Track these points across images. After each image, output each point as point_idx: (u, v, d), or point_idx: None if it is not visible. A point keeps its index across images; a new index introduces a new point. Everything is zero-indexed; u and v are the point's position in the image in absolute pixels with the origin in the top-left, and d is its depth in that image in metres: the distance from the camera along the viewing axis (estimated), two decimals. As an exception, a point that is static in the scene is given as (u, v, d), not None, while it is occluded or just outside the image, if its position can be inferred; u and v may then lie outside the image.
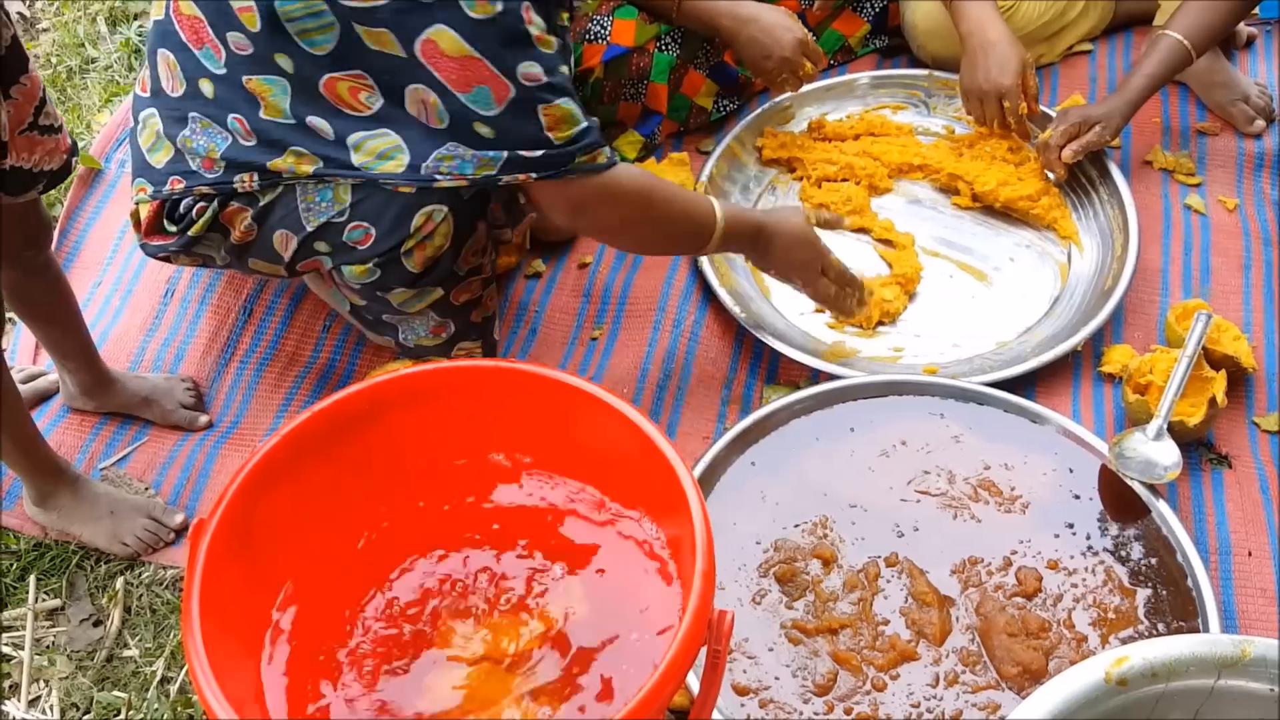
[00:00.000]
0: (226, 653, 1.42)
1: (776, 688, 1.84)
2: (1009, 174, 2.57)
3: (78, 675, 1.99)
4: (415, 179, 1.86)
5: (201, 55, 1.88)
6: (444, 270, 2.01)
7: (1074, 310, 2.39)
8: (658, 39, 2.59)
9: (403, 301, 2.05)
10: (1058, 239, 2.54)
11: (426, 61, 1.76)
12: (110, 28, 3.17)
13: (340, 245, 1.96)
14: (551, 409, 1.61)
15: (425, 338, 2.14)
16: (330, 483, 1.59)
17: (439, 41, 1.74)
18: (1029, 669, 1.82)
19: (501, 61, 1.77)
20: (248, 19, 1.80)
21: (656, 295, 2.45)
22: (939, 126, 2.75)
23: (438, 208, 1.92)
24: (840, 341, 2.36)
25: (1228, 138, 2.73)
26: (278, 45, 1.80)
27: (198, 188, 1.94)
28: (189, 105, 1.92)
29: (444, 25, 1.73)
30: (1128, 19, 2.98)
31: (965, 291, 2.46)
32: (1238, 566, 2.03)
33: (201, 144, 1.93)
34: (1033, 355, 2.27)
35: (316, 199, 1.92)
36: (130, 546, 2.11)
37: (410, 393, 1.61)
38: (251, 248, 2.02)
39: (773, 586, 1.96)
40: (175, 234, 2.00)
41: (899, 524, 2.02)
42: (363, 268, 1.97)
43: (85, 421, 2.31)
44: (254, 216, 1.96)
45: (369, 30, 1.75)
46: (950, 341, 2.37)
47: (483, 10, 1.74)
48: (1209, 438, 2.20)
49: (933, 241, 2.55)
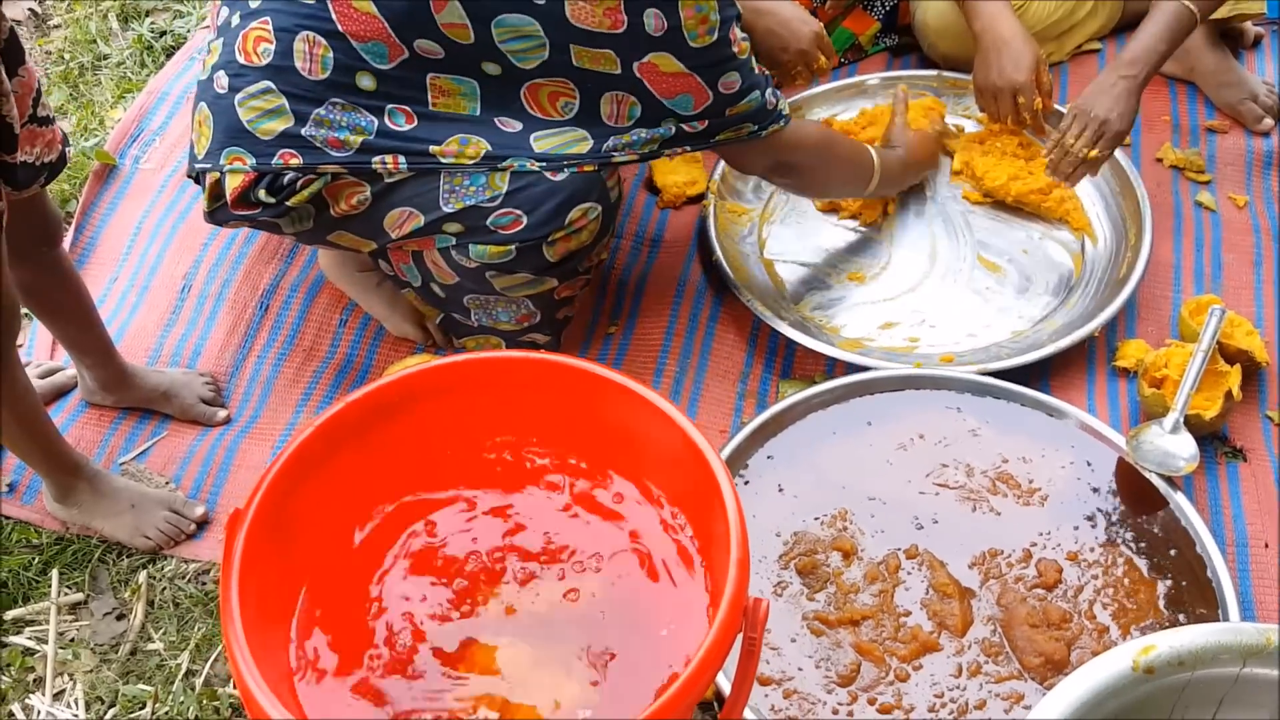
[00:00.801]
0: (263, 642, 1.43)
1: (800, 679, 1.85)
2: (1019, 169, 2.59)
3: (102, 669, 2.00)
4: (598, 158, 1.97)
5: (365, 49, 1.88)
6: (573, 264, 2.08)
7: (1089, 299, 2.41)
8: None
9: (511, 286, 2.08)
10: (1071, 231, 2.55)
11: (642, 77, 1.91)
12: (122, 24, 3.17)
13: (479, 228, 1.98)
14: (582, 400, 1.62)
15: (506, 323, 2.18)
16: (363, 473, 1.59)
17: (659, 64, 1.89)
18: (1051, 659, 1.84)
19: (709, 76, 1.95)
20: (458, 34, 1.85)
21: (671, 291, 2.46)
22: (949, 126, 2.76)
23: (594, 205, 2.00)
24: (858, 338, 2.37)
25: (1237, 136, 2.75)
26: (487, 55, 1.88)
27: (321, 165, 1.92)
28: (332, 92, 1.91)
29: (666, 53, 1.88)
30: (1136, 18, 2.96)
31: (980, 284, 2.48)
32: (1255, 558, 2.04)
33: (343, 124, 1.91)
34: (1049, 343, 2.29)
35: (466, 182, 1.95)
36: (152, 540, 2.11)
37: (442, 384, 1.61)
38: (350, 221, 2.01)
39: (794, 578, 1.97)
40: (269, 205, 1.97)
41: (918, 516, 2.04)
42: (501, 249, 1.99)
43: (104, 416, 2.31)
44: (373, 192, 1.96)
45: (586, 50, 1.86)
46: (965, 331, 2.39)
47: (703, 41, 1.89)
48: (1223, 431, 2.22)
49: (943, 233, 2.57)
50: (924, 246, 2.55)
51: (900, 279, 2.48)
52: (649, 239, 2.57)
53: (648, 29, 1.85)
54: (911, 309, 2.43)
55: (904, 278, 2.48)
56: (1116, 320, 2.39)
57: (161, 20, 3.17)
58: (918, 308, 2.43)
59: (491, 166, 1.94)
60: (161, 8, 3.21)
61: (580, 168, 1.97)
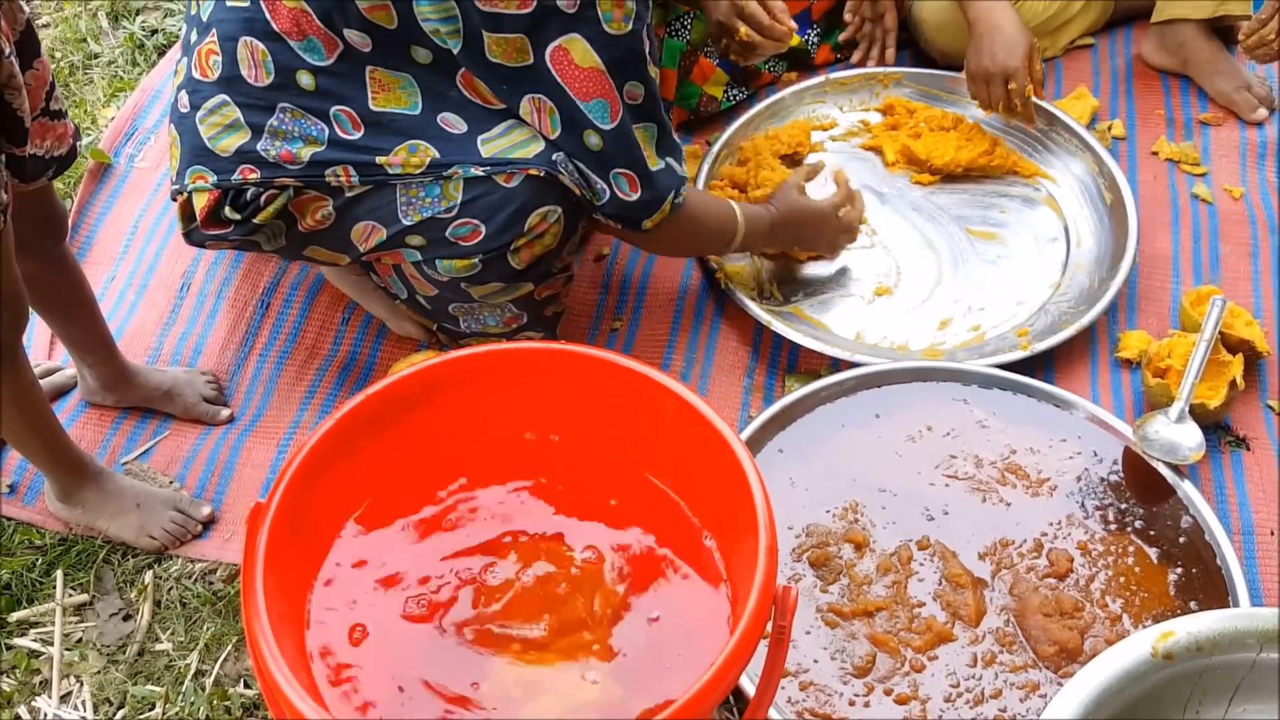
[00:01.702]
0: (288, 636, 1.43)
1: (816, 670, 1.85)
2: (958, 138, 2.66)
3: (109, 670, 1.98)
4: (547, 165, 1.91)
5: (301, 47, 1.86)
6: (544, 267, 2.04)
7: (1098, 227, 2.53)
8: (668, 25, 2.60)
9: (488, 294, 2.06)
10: (1024, 179, 2.64)
11: (554, 67, 1.84)
12: (112, 23, 3.15)
13: (440, 240, 1.95)
14: (601, 390, 1.62)
15: (495, 327, 2.16)
16: (384, 465, 1.59)
17: (571, 51, 1.83)
18: (1066, 648, 1.84)
19: (619, 77, 1.88)
20: (381, 17, 1.82)
21: (676, 286, 2.46)
22: (854, 122, 2.79)
23: (553, 209, 1.96)
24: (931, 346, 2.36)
25: (1231, 128, 2.77)
26: (415, 39, 1.85)
27: (277, 180, 1.91)
28: (279, 96, 1.89)
29: (578, 35, 1.81)
30: (1127, 14, 3.02)
31: (989, 254, 2.53)
32: (1261, 545, 2.06)
33: (295, 134, 1.90)
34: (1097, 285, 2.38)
35: (421, 194, 1.92)
36: (158, 540, 2.10)
37: (462, 376, 1.61)
38: (319, 236, 2.00)
39: (807, 571, 1.97)
40: (236, 223, 1.97)
41: (928, 508, 2.04)
42: (466, 262, 1.97)
43: (105, 416, 2.30)
44: (335, 207, 1.95)
45: (496, 37, 1.81)
46: (1014, 301, 2.44)
47: (618, 28, 1.83)
48: (1226, 421, 2.23)
49: (924, 221, 2.59)
50: (917, 241, 2.56)
51: (921, 278, 2.48)
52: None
53: (560, 5, 1.79)
54: (953, 300, 2.44)
55: (924, 276, 2.49)
56: (1117, 310, 2.41)
57: (152, 19, 3.15)
58: (957, 297, 2.44)
59: (438, 175, 1.90)
60: (152, 6, 3.19)
61: (527, 171, 1.91)
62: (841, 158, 2.72)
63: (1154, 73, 2.90)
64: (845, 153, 2.74)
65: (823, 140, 2.75)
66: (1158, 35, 2.87)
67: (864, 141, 2.75)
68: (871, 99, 2.81)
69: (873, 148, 2.74)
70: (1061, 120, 2.65)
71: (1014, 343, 2.29)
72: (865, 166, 2.71)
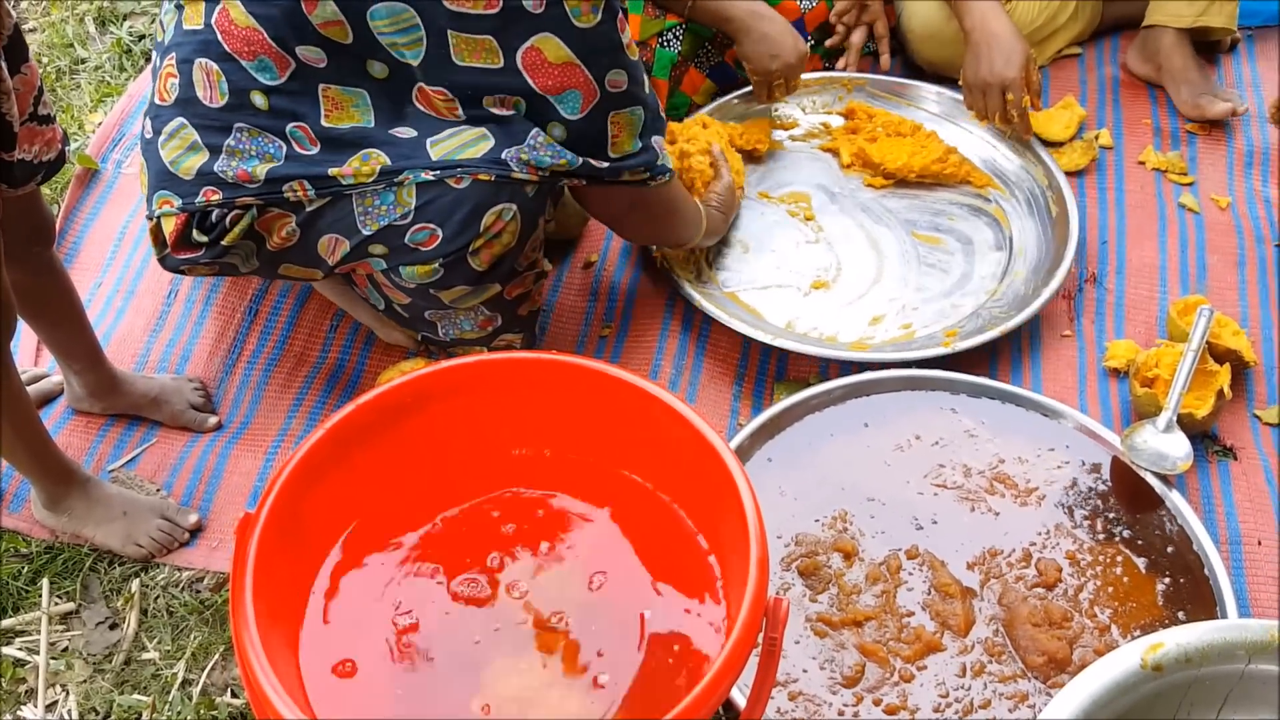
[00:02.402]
0: (276, 647, 1.42)
1: (805, 680, 1.85)
2: (913, 144, 2.68)
3: (96, 679, 1.97)
4: (494, 167, 1.89)
5: (253, 67, 1.86)
6: (507, 267, 2.02)
7: (1040, 238, 2.54)
8: (661, 35, 2.60)
9: (457, 298, 2.04)
10: (975, 189, 2.66)
11: (526, 69, 1.83)
12: (100, 28, 3.14)
13: (400, 247, 1.94)
14: (593, 400, 1.62)
15: (470, 331, 2.14)
16: (375, 475, 1.58)
17: (544, 50, 1.82)
18: (1055, 658, 1.84)
19: (596, 67, 1.86)
20: (336, 33, 1.81)
21: (664, 293, 2.46)
22: (816, 124, 2.81)
23: (507, 206, 1.93)
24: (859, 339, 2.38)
25: (1217, 137, 2.78)
26: (371, 53, 1.83)
27: (238, 199, 1.91)
28: (234, 116, 1.89)
29: (549, 34, 1.80)
30: (1115, 22, 3.03)
31: (930, 258, 2.54)
32: (1248, 555, 2.06)
33: (252, 152, 1.89)
34: (1031, 292, 2.39)
35: (376, 202, 1.91)
36: (144, 548, 2.09)
37: (454, 385, 1.61)
38: (289, 253, 2.00)
39: (795, 580, 1.97)
40: (205, 245, 1.97)
41: (917, 517, 2.04)
42: (427, 268, 1.96)
43: (91, 423, 2.29)
44: (299, 223, 1.94)
45: (464, 39, 1.79)
46: (949, 304, 2.45)
47: (587, 20, 1.82)
48: (1213, 431, 2.24)
49: (872, 223, 2.61)
50: (861, 239, 2.58)
51: (860, 275, 2.50)
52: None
53: (526, 6, 1.78)
54: (888, 299, 2.45)
55: (862, 273, 2.51)
56: (1105, 320, 2.42)
57: (140, 24, 3.14)
58: (893, 295, 2.46)
59: (389, 182, 1.89)
60: (139, 11, 3.18)
61: (475, 175, 1.89)
62: (800, 157, 2.75)
63: (1141, 82, 2.92)
64: (804, 153, 2.77)
65: (783, 139, 2.78)
66: (1139, 43, 2.89)
67: (823, 143, 2.77)
68: (835, 102, 2.83)
69: (831, 149, 2.76)
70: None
71: (939, 342, 2.31)
72: (821, 167, 2.73)
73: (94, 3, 3.19)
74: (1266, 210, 2.64)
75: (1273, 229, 2.60)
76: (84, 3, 3.19)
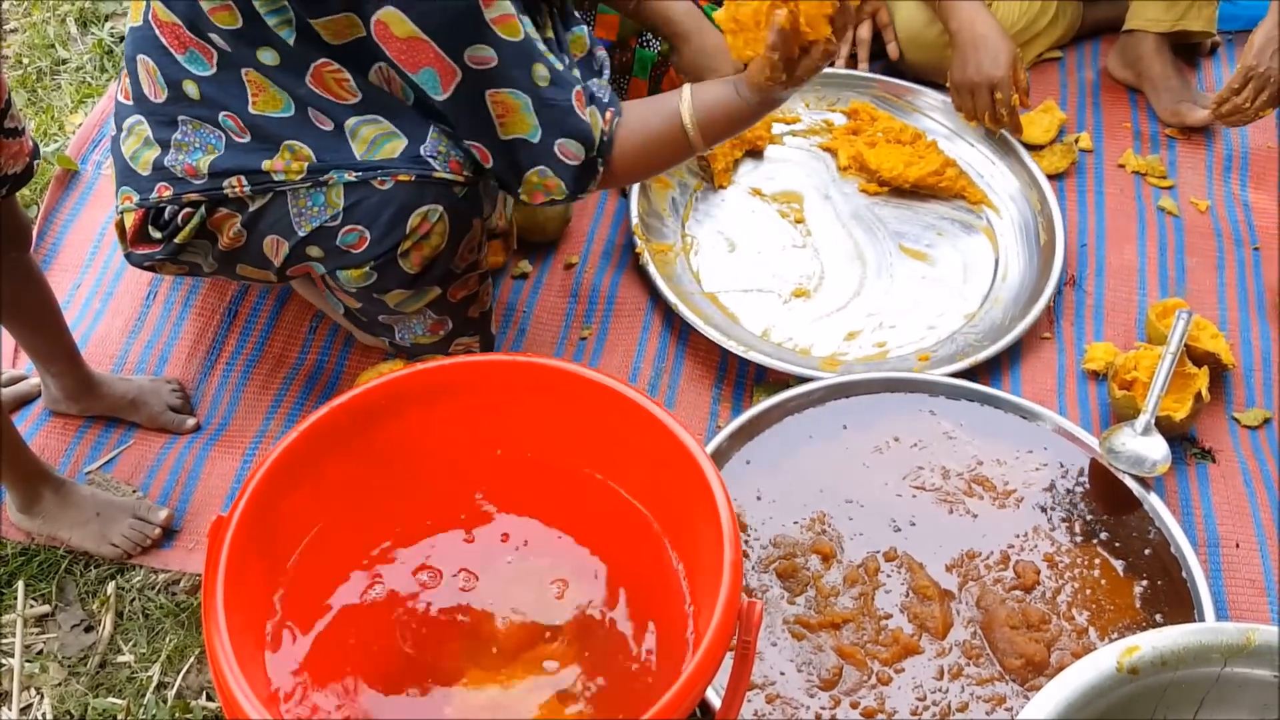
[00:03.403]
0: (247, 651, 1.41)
1: (782, 683, 1.85)
2: (910, 154, 2.66)
3: (71, 682, 1.96)
4: (414, 166, 1.87)
5: (185, 59, 1.86)
6: (441, 269, 2.00)
7: (1025, 266, 2.51)
8: (640, 35, 2.60)
9: (400, 302, 2.03)
10: (969, 205, 2.64)
11: (380, 42, 1.77)
12: (81, 29, 3.13)
13: (334, 250, 1.94)
14: (569, 403, 1.62)
15: (423, 336, 2.13)
16: (349, 479, 1.58)
17: (389, 24, 1.74)
18: (1032, 661, 1.85)
19: (449, 43, 1.76)
20: (225, 19, 1.80)
21: (645, 295, 2.46)
22: (818, 120, 2.81)
23: (433, 208, 1.91)
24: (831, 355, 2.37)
25: (1197, 141, 2.78)
26: (263, 39, 1.81)
27: (186, 195, 1.92)
28: (175, 109, 1.90)
29: (393, 7, 1.73)
30: (1095, 26, 3.04)
31: (916, 273, 2.53)
32: (1226, 558, 2.07)
33: (196, 144, 1.91)
34: (1008, 323, 2.37)
35: (309, 203, 1.90)
36: (119, 547, 2.08)
37: (431, 388, 1.61)
38: (240, 254, 2.00)
39: (774, 582, 1.97)
40: (161, 242, 1.98)
41: (895, 519, 2.04)
42: (359, 271, 1.96)
43: (69, 425, 2.27)
44: (243, 223, 1.95)
45: (322, 22, 1.77)
46: (925, 325, 2.43)
47: None
48: (1191, 433, 2.24)
49: (861, 232, 2.60)
50: (849, 249, 2.58)
51: (842, 286, 2.50)
52: (620, 244, 2.56)
53: None
54: (866, 314, 2.45)
55: (844, 284, 2.50)
56: (1085, 322, 2.42)
57: (121, 25, 3.12)
58: (871, 311, 2.45)
59: (315, 180, 1.88)
60: (121, 12, 3.16)
61: (395, 177, 1.87)
62: (799, 154, 2.75)
63: (1120, 87, 2.92)
64: (803, 149, 2.77)
65: (783, 134, 2.77)
66: (1120, 48, 2.90)
67: (823, 141, 2.77)
68: (839, 100, 2.82)
69: (830, 149, 2.75)
70: (1018, 152, 2.67)
71: (911, 365, 2.31)
72: (819, 165, 2.73)
73: (75, 3, 3.17)
74: (1245, 214, 2.65)
75: (1251, 232, 2.61)
76: (65, 4, 3.17)
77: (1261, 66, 2.46)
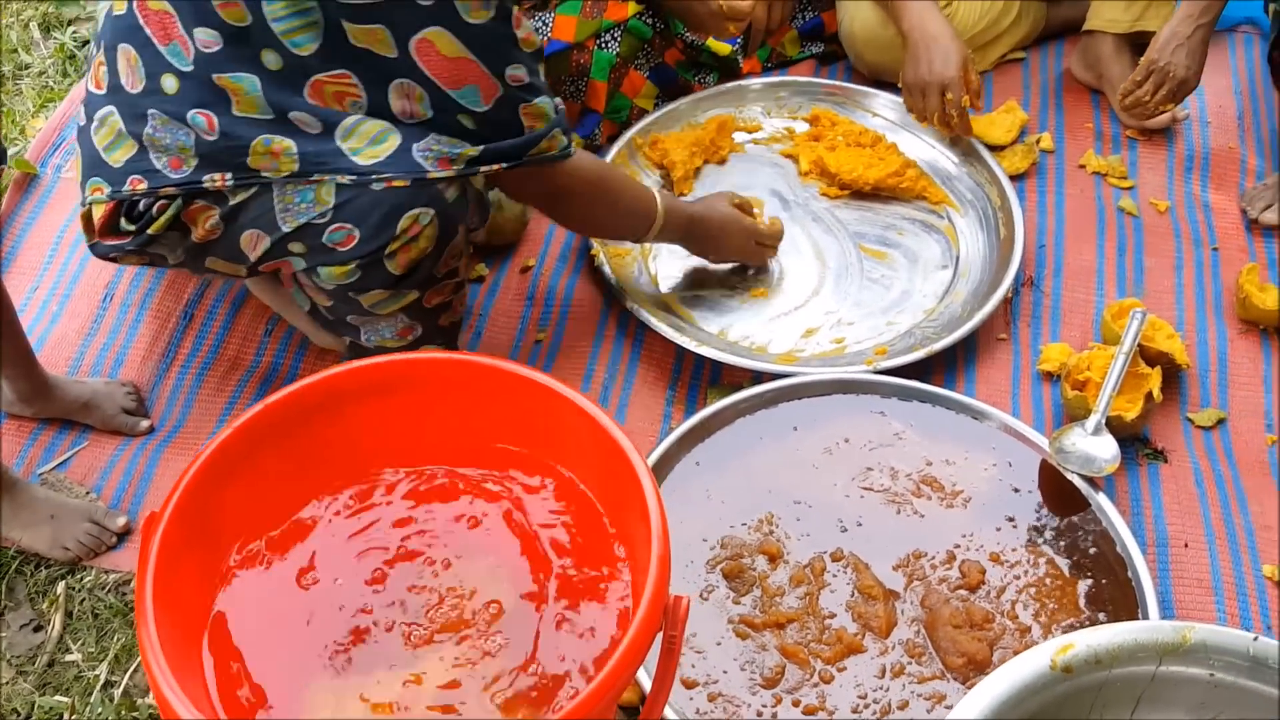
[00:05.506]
0: (180, 648, 1.42)
1: (725, 681, 1.85)
2: (870, 156, 2.67)
3: (18, 680, 1.96)
4: (406, 168, 1.88)
5: (168, 51, 1.86)
6: (424, 273, 2.01)
7: (984, 263, 2.52)
8: (598, 36, 2.60)
9: (375, 303, 2.03)
10: (930, 205, 2.65)
11: (420, 60, 1.82)
12: (44, 33, 3.14)
13: (319, 246, 1.93)
14: (509, 402, 1.62)
15: (390, 339, 2.13)
16: (287, 475, 1.58)
17: (436, 43, 1.81)
18: (974, 659, 1.85)
19: (492, 62, 1.87)
20: (234, 14, 1.80)
21: (601, 298, 2.46)
22: (779, 128, 2.81)
23: (424, 210, 1.92)
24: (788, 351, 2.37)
25: (1158, 142, 2.79)
26: (265, 41, 1.81)
27: (162, 188, 1.91)
28: (148, 101, 1.89)
29: (441, 28, 1.80)
30: (1060, 27, 3.04)
31: (874, 272, 2.53)
32: (1174, 558, 2.07)
33: (169, 141, 1.89)
34: (966, 315, 2.37)
35: (296, 200, 1.90)
36: (72, 551, 2.08)
37: (369, 385, 1.61)
38: (213, 247, 1.99)
39: (720, 582, 1.97)
40: (132, 234, 1.97)
41: (843, 519, 2.05)
42: (343, 269, 1.95)
43: (22, 427, 2.28)
44: (222, 215, 1.93)
45: (358, 28, 1.79)
46: (884, 321, 2.44)
47: (478, 16, 1.82)
48: (1144, 433, 2.25)
49: (821, 233, 2.61)
50: (808, 249, 2.58)
51: (801, 286, 2.50)
52: (576, 247, 2.56)
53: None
54: (824, 311, 2.45)
55: (803, 284, 2.51)
56: (1041, 323, 2.42)
57: (84, 29, 3.13)
58: (829, 309, 2.46)
59: (306, 177, 1.88)
60: (84, 16, 3.17)
61: (390, 183, 1.88)
62: (759, 162, 2.76)
63: (1082, 88, 2.93)
64: (764, 157, 2.77)
65: (745, 143, 2.78)
66: (1081, 50, 2.90)
67: (784, 149, 2.78)
68: (800, 108, 2.82)
69: (792, 155, 2.76)
70: (978, 151, 2.68)
71: (867, 359, 2.31)
72: (779, 172, 2.73)
73: (39, 8, 3.18)
74: (1205, 214, 2.65)
75: (1211, 233, 2.62)
76: (29, 8, 3.18)
77: (1163, 61, 2.51)
